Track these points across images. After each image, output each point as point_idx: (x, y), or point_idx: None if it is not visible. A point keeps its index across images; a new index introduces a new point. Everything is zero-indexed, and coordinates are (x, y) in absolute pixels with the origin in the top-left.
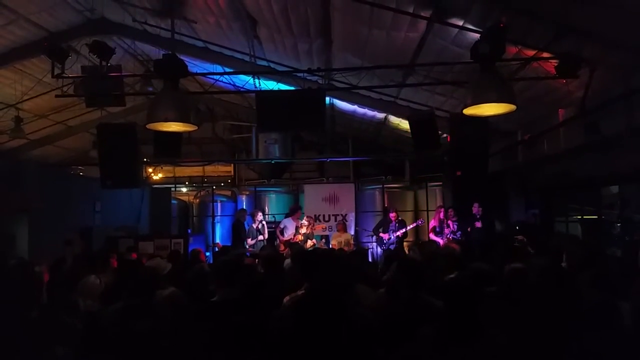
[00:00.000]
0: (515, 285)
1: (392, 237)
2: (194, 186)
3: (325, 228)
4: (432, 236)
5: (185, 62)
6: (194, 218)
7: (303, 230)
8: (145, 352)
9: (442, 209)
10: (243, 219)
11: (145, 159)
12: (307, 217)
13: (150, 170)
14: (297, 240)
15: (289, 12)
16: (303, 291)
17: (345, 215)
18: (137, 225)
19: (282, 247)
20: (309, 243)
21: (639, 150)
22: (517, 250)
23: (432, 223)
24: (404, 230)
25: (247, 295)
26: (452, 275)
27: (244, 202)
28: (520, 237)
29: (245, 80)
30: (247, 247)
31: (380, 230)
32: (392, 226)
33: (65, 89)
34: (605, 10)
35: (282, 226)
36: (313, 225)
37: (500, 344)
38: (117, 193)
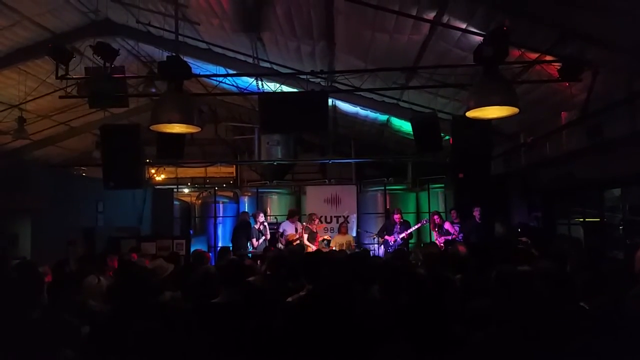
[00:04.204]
0: (523, 287)
1: (398, 240)
2: (196, 187)
3: (327, 228)
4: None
5: (189, 63)
6: (196, 219)
7: (299, 228)
8: (147, 354)
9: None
10: (247, 220)
11: (147, 160)
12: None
13: (152, 171)
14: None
15: (292, 14)
16: (305, 292)
17: (347, 216)
18: (139, 226)
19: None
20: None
21: None
22: (521, 253)
23: (447, 226)
24: (408, 231)
25: (250, 297)
26: (456, 277)
27: (246, 203)
28: (524, 239)
29: (248, 82)
30: (253, 248)
31: (385, 233)
32: (396, 228)
33: (68, 89)
34: (608, 14)
35: (281, 230)
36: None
37: (501, 344)
38: (119, 194)
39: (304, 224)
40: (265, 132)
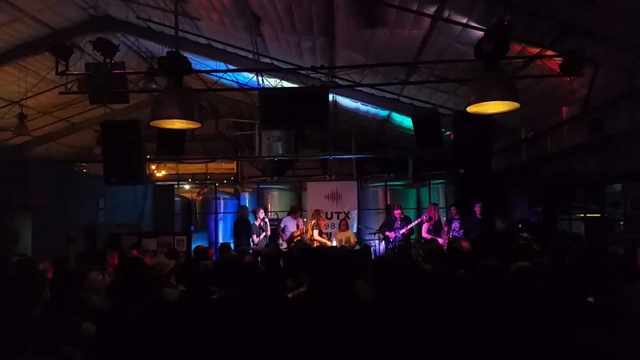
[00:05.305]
0: (523, 283)
1: (399, 236)
2: (197, 183)
3: (328, 224)
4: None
5: (189, 59)
6: (197, 215)
7: (300, 224)
8: (145, 351)
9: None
10: (245, 216)
11: (148, 156)
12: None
13: (153, 167)
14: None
15: (292, 9)
16: (305, 288)
17: (348, 212)
18: (140, 222)
19: (285, 244)
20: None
21: None
22: (522, 248)
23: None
24: (409, 226)
25: (249, 293)
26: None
27: (246, 199)
28: (525, 234)
29: (249, 78)
30: (253, 244)
31: (386, 229)
32: (397, 224)
33: (69, 86)
34: (609, 9)
35: (282, 225)
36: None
37: (503, 341)
38: (120, 190)
39: (313, 220)
40: (266, 128)
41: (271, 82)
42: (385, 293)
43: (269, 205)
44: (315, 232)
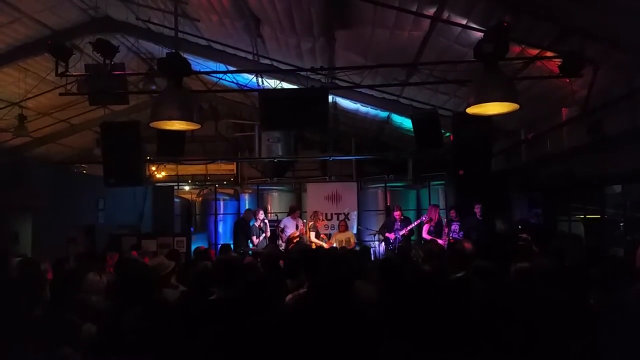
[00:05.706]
0: (523, 284)
1: (398, 237)
2: (196, 184)
3: (327, 225)
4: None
5: (189, 60)
6: (197, 216)
7: (299, 225)
8: (143, 351)
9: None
10: (249, 219)
11: (148, 157)
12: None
13: (153, 168)
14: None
15: (292, 11)
16: (305, 289)
17: (348, 213)
18: (140, 224)
19: (284, 245)
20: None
21: None
22: (522, 249)
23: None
24: (409, 227)
25: (248, 294)
26: (459, 275)
27: (246, 200)
28: (524, 235)
29: (249, 79)
30: (253, 245)
31: (386, 230)
32: (397, 225)
33: (68, 87)
34: (609, 10)
35: (282, 226)
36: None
37: (504, 342)
38: (120, 191)
39: (311, 222)
40: (266, 129)
41: (271, 83)
42: (386, 293)
43: (269, 207)
44: (312, 234)
